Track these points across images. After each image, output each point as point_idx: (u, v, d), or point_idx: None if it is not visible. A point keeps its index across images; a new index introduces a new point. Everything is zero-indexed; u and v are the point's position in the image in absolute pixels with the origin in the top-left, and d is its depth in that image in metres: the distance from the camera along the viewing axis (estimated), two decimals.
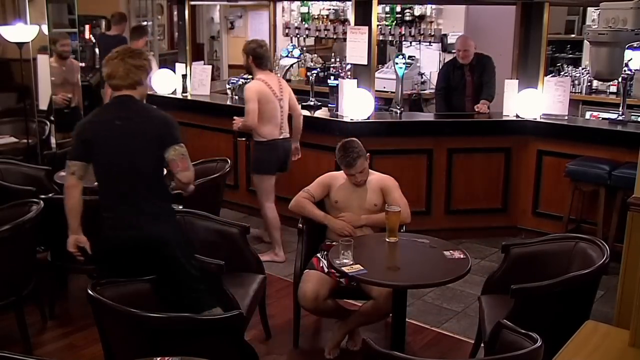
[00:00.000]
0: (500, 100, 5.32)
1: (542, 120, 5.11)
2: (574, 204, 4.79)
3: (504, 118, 5.25)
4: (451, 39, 6.76)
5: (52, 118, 5.67)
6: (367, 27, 5.01)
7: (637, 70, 4.94)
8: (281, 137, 4.60)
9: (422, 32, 7.02)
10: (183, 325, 2.41)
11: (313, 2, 7.66)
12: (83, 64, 6.28)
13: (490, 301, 3.19)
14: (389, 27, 7.12)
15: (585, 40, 6.89)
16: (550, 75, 5.90)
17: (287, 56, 6.16)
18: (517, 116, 5.19)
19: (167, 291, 2.80)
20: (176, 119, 6.62)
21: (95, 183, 3.00)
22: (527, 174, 5.18)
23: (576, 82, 6.67)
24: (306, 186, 3.67)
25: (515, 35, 5.48)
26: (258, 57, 4.47)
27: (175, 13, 8.04)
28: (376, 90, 5.43)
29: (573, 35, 7.91)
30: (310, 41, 8.17)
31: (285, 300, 4.00)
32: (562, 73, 6.94)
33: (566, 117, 5.10)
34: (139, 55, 2.95)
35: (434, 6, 7.12)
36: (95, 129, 2.90)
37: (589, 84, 6.69)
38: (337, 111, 5.20)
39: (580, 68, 7.00)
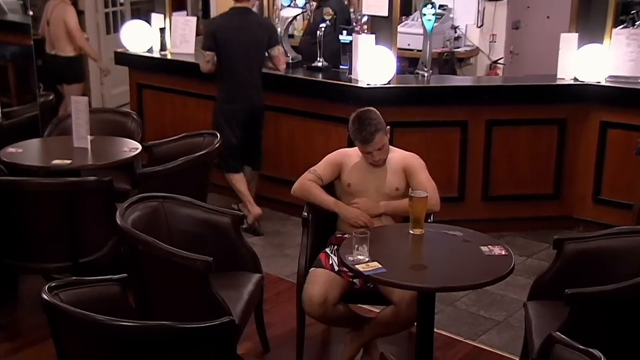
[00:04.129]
0: (554, 60, 5.27)
1: (608, 84, 5.07)
2: None
3: (559, 82, 5.21)
4: None
5: None
6: None
7: None
8: (52, 52, 6.77)
9: None
10: (162, 336, 2.41)
11: None
12: (32, 13, 6.23)
13: (539, 309, 3.20)
14: None
15: None
16: (621, 26, 5.79)
17: (289, 6, 6.10)
18: (576, 79, 5.16)
19: (253, 142, 5.18)
20: (153, 83, 6.60)
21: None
22: (587, 152, 5.15)
23: None
24: (313, 166, 3.67)
25: None
26: None
27: None
28: (399, 48, 5.42)
29: None
30: None
31: (286, 306, 4.03)
32: (637, 23, 6.80)
33: None
34: None
35: None
36: (222, 32, 4.97)
37: None
38: (351, 74, 5.20)
39: None
